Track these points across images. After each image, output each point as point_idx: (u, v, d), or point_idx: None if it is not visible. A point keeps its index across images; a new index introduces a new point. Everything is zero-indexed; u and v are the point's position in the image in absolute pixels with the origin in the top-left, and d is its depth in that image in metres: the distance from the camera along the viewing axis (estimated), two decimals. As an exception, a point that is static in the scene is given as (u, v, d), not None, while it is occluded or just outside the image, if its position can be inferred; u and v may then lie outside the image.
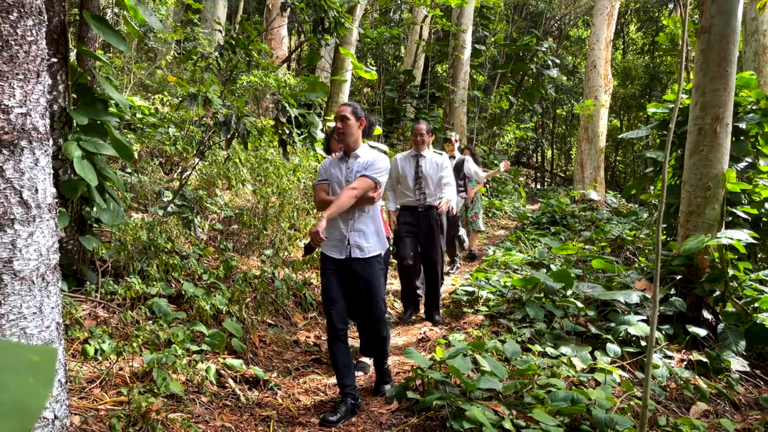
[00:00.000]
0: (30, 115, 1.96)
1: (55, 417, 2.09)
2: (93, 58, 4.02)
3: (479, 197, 8.75)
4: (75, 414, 2.72)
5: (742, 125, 5.71)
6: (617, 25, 17.48)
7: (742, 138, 5.79)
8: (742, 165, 5.73)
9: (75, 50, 4.09)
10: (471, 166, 7.61)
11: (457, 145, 7.70)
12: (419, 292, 5.67)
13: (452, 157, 7.44)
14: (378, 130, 7.50)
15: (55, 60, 3.55)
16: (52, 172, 2.11)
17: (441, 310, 5.64)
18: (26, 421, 0.45)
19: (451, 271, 7.60)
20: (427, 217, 5.39)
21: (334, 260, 3.55)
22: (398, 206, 5.52)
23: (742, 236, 4.60)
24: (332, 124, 7.38)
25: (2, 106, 1.87)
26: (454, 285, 6.70)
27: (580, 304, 4.76)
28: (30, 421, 0.45)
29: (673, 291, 4.83)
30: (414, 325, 5.44)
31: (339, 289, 3.55)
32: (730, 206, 5.19)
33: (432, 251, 5.41)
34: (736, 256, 4.88)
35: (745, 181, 5.62)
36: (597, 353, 4.20)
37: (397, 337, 5.10)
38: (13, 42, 1.90)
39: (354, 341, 4.49)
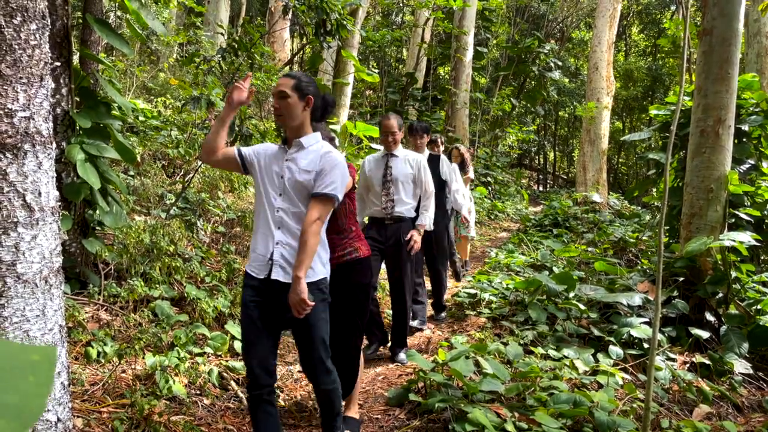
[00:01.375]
0: (33, 119, 1.97)
1: (58, 420, 2.10)
2: (96, 61, 4.03)
3: (470, 195, 7.66)
4: (78, 417, 2.73)
5: (745, 127, 5.71)
6: (619, 27, 17.48)
7: (744, 140, 5.79)
8: (744, 167, 5.72)
9: (78, 53, 4.11)
10: (446, 169, 5.93)
11: (442, 148, 6.86)
12: (420, 301, 5.16)
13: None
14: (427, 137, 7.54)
15: (58, 63, 3.56)
16: (55, 175, 2.12)
17: (406, 346, 4.57)
18: (27, 420, 0.45)
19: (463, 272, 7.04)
20: (395, 233, 4.34)
21: (254, 286, 2.59)
22: (363, 220, 4.57)
23: (745, 238, 4.59)
24: (336, 127, 7.40)
25: (6, 110, 1.88)
26: (456, 287, 6.70)
27: (582, 307, 4.75)
28: (31, 420, 0.45)
29: (675, 293, 4.82)
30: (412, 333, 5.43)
31: (259, 328, 2.58)
32: (733, 208, 5.19)
33: (399, 275, 4.38)
34: (738, 258, 4.87)
35: (748, 183, 5.61)
36: (599, 355, 4.19)
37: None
38: (16, 46, 1.91)
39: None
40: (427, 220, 4.44)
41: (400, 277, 4.39)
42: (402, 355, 4.44)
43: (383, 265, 4.50)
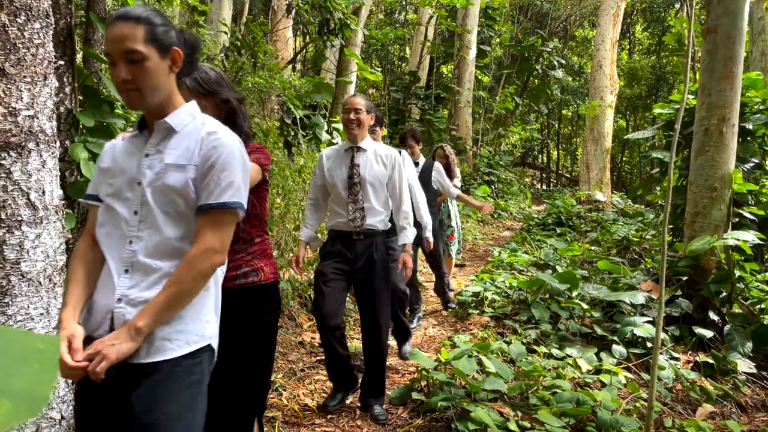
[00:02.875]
0: (37, 118, 1.97)
1: (62, 417, 2.10)
2: (99, 60, 4.04)
3: (456, 210, 6.56)
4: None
5: (749, 126, 5.69)
6: (623, 26, 17.45)
7: (748, 139, 5.77)
8: (748, 166, 5.70)
9: (81, 52, 4.12)
10: (439, 178, 5.57)
11: (420, 146, 5.67)
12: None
13: (416, 163, 5.37)
14: (383, 131, 7.49)
15: (61, 62, 3.57)
16: (59, 173, 2.12)
17: (385, 398, 3.55)
18: (34, 406, 0.46)
19: (412, 326, 5.00)
20: (367, 250, 3.34)
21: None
22: (316, 234, 3.60)
23: (749, 237, 4.58)
24: (338, 126, 7.39)
25: (10, 109, 1.89)
26: (459, 286, 6.70)
27: (585, 306, 4.75)
28: (38, 406, 0.46)
29: (679, 292, 4.81)
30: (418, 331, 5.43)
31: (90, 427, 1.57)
32: (737, 207, 5.17)
33: (374, 305, 3.36)
34: (742, 257, 4.86)
35: (752, 181, 5.59)
36: (602, 354, 4.19)
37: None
38: (20, 45, 1.91)
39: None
40: (411, 237, 3.41)
41: (373, 309, 3.35)
42: (377, 408, 3.38)
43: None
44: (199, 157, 1.58)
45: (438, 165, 5.62)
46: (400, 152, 3.86)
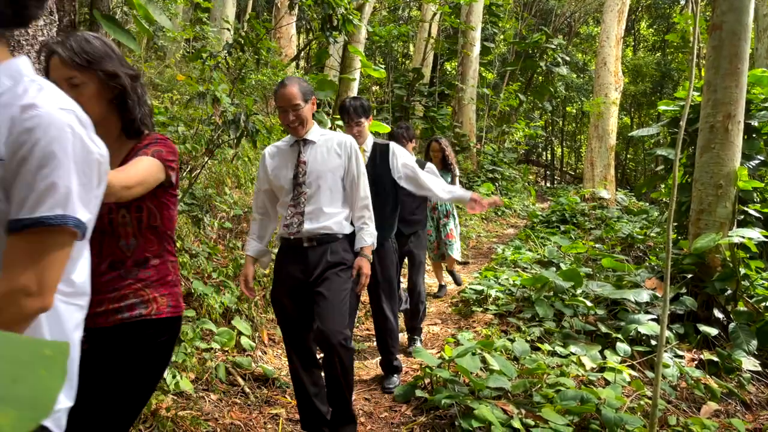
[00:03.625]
0: (41, 115, 1.97)
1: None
2: (103, 57, 4.03)
3: (452, 206, 6.23)
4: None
5: (754, 123, 5.66)
6: (628, 22, 17.38)
7: (754, 136, 5.74)
8: (754, 163, 5.68)
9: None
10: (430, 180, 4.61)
11: (413, 144, 5.06)
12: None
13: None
14: (386, 127, 7.48)
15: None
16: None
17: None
18: (40, 414, 0.46)
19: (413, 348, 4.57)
20: (320, 259, 2.83)
21: None
22: (267, 247, 3.09)
23: (754, 235, 4.56)
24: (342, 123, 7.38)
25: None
26: (463, 284, 6.69)
27: (589, 303, 4.74)
28: (43, 414, 0.46)
29: (683, 290, 4.80)
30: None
31: None
32: (742, 204, 5.15)
33: (330, 330, 2.71)
34: (747, 255, 4.84)
35: (757, 179, 5.57)
36: (607, 352, 4.18)
37: (404, 335, 5.09)
38: (24, 42, 1.91)
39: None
40: (371, 238, 2.93)
41: (330, 335, 2.69)
42: None
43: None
44: (6, 146, 1.06)
45: (432, 167, 4.69)
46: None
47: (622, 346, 4.24)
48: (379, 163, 3.62)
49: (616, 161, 17.01)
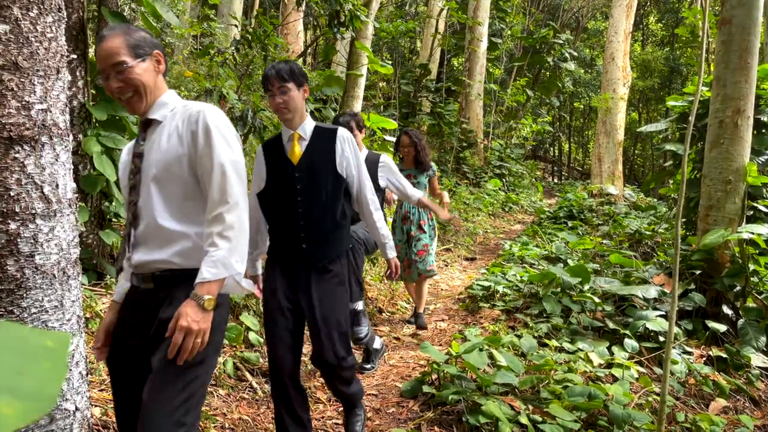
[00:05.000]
0: (50, 111, 1.98)
1: (77, 408, 2.12)
2: (111, 54, 4.05)
3: (427, 214, 5.07)
4: (95, 406, 2.76)
5: (764, 118, 5.62)
6: (636, 17, 17.27)
7: (763, 131, 5.70)
8: (763, 158, 5.64)
9: (94, 46, 4.13)
10: (392, 178, 4.05)
11: (362, 135, 4.17)
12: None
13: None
14: (393, 124, 7.46)
15: (74, 56, 3.59)
16: (72, 167, 2.14)
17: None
18: (43, 405, 0.46)
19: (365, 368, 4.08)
20: (152, 314, 1.85)
21: None
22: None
23: (764, 231, 4.53)
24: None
25: (23, 102, 1.90)
26: (470, 280, 6.69)
27: (597, 299, 4.73)
28: (47, 405, 0.46)
29: (692, 286, 4.78)
30: (430, 318, 5.43)
31: None
32: (751, 200, 5.12)
33: (151, 415, 1.68)
34: (757, 251, 4.82)
35: (767, 174, 5.53)
36: (614, 348, 4.17)
37: (411, 332, 5.10)
38: (33, 39, 1.92)
39: None
40: (218, 269, 1.71)
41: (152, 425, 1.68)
42: None
43: None
44: None
45: (386, 159, 4.01)
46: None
47: (630, 343, 4.23)
48: (318, 153, 2.63)
49: (624, 157, 16.94)
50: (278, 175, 2.66)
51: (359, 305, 3.93)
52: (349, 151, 2.69)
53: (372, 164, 3.96)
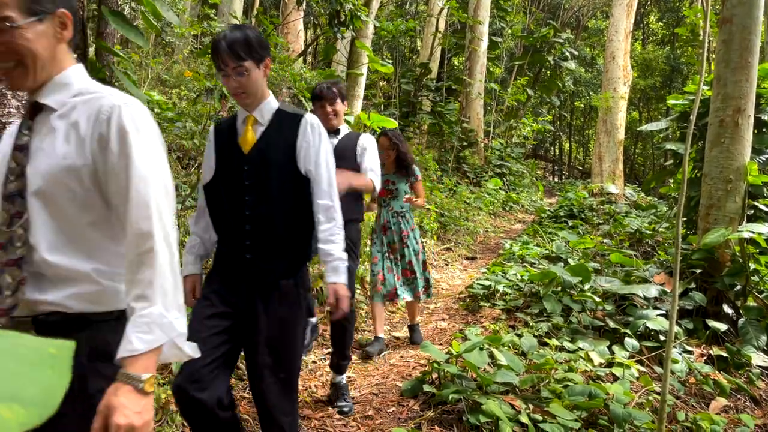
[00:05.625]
0: (50, 111, 1.98)
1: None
2: (111, 53, 4.05)
3: (411, 218, 4.56)
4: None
5: (765, 117, 5.62)
6: (637, 16, 17.27)
7: (764, 130, 5.70)
8: (763, 157, 5.64)
9: (93, 46, 4.13)
10: (365, 161, 3.37)
11: (343, 105, 3.41)
12: None
13: (333, 132, 3.38)
14: (394, 123, 7.46)
15: (74, 55, 3.59)
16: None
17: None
18: (45, 411, 0.46)
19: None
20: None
21: None
22: None
23: (764, 230, 4.53)
24: (350, 119, 7.39)
25: (23, 102, 1.89)
26: (470, 279, 6.69)
27: (597, 299, 4.73)
28: (49, 411, 0.46)
29: (692, 285, 4.78)
30: (430, 317, 5.43)
31: None
32: (752, 199, 5.12)
33: None
34: (757, 250, 4.82)
35: (767, 173, 5.53)
36: (615, 348, 4.17)
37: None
38: (33, 38, 1.92)
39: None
40: (162, 334, 1.24)
41: None
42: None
43: None
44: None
45: (365, 142, 3.42)
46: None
47: (631, 342, 4.23)
48: (275, 142, 2.16)
49: (625, 156, 16.94)
50: (226, 165, 2.18)
51: (341, 379, 3.49)
52: (314, 143, 2.16)
53: (349, 147, 3.37)
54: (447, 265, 8.13)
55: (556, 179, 26.39)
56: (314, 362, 4.15)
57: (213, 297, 2.13)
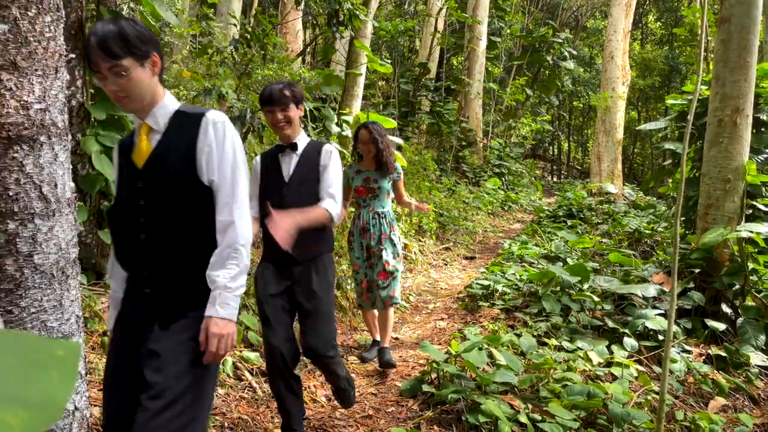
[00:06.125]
0: (49, 111, 1.98)
1: (76, 408, 2.12)
2: (110, 53, 4.05)
3: (394, 224, 4.20)
4: (95, 405, 2.76)
5: (763, 116, 5.62)
6: (635, 16, 17.27)
7: (762, 129, 5.70)
8: (762, 157, 5.64)
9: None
10: (328, 181, 2.76)
11: (298, 111, 2.82)
12: None
13: (290, 147, 2.85)
14: (393, 123, 7.46)
15: (73, 56, 3.58)
16: (71, 167, 2.13)
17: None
18: (51, 415, 0.46)
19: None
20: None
21: None
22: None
23: (763, 229, 4.53)
24: (348, 119, 7.39)
25: (22, 102, 1.89)
26: (469, 278, 6.69)
27: (596, 298, 4.73)
28: (55, 415, 0.46)
29: (691, 285, 4.78)
30: (429, 317, 5.43)
31: None
32: (750, 199, 5.12)
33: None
34: (756, 250, 4.82)
35: (766, 173, 5.53)
36: (614, 347, 4.17)
37: (410, 331, 5.11)
38: (31, 38, 1.91)
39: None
40: None
41: None
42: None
43: None
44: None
45: (329, 153, 2.83)
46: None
47: (629, 341, 4.23)
48: (172, 151, 1.83)
49: (624, 156, 16.95)
50: (122, 185, 1.90)
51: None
52: (217, 143, 1.81)
53: (311, 167, 2.80)
54: (446, 264, 8.13)
55: (554, 179, 26.40)
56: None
57: (116, 345, 1.92)
